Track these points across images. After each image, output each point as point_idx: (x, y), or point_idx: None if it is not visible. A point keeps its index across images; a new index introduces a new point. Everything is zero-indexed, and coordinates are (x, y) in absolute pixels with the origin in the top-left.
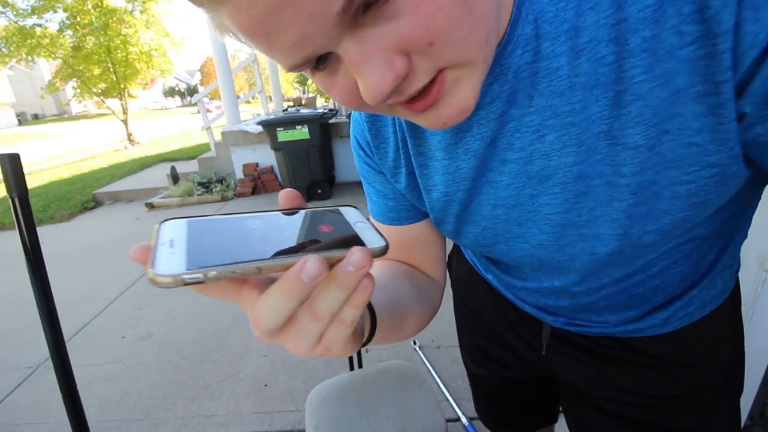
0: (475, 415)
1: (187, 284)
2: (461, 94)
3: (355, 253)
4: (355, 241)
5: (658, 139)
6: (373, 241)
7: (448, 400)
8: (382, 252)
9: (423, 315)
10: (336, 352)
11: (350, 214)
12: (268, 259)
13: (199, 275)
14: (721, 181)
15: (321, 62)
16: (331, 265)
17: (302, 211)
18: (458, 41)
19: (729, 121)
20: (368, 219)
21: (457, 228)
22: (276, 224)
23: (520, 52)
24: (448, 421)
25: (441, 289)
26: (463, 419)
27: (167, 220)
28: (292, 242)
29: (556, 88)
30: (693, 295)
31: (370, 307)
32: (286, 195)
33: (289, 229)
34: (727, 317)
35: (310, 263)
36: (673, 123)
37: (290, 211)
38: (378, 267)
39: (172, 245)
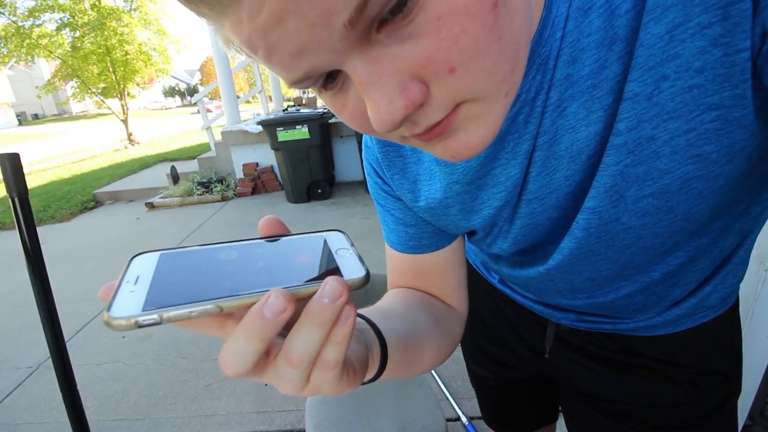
0: (476, 414)
1: (141, 326)
2: (474, 132)
3: (329, 284)
4: (333, 271)
5: (656, 86)
6: (353, 270)
7: (448, 399)
8: (363, 283)
9: (441, 346)
10: (329, 392)
11: (334, 240)
12: (230, 296)
13: (155, 317)
14: (723, 129)
15: (330, 81)
16: (304, 299)
17: (282, 239)
18: (482, 70)
19: (735, 51)
20: (353, 245)
21: (496, 238)
22: (251, 255)
23: (559, 34)
24: (448, 420)
25: (462, 319)
26: (463, 419)
27: (140, 254)
28: (265, 275)
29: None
30: (707, 292)
31: (380, 336)
32: (264, 222)
33: (264, 260)
34: (727, 317)
35: (273, 298)
36: (671, 66)
37: (270, 239)
38: (392, 295)
39: (136, 282)
